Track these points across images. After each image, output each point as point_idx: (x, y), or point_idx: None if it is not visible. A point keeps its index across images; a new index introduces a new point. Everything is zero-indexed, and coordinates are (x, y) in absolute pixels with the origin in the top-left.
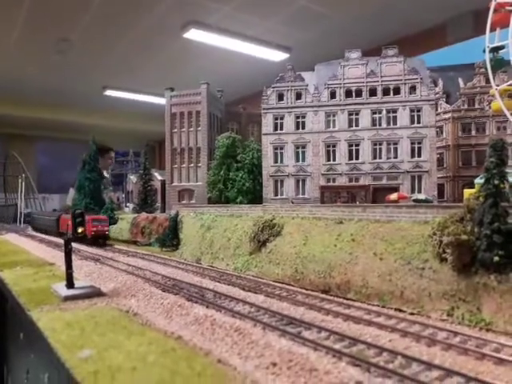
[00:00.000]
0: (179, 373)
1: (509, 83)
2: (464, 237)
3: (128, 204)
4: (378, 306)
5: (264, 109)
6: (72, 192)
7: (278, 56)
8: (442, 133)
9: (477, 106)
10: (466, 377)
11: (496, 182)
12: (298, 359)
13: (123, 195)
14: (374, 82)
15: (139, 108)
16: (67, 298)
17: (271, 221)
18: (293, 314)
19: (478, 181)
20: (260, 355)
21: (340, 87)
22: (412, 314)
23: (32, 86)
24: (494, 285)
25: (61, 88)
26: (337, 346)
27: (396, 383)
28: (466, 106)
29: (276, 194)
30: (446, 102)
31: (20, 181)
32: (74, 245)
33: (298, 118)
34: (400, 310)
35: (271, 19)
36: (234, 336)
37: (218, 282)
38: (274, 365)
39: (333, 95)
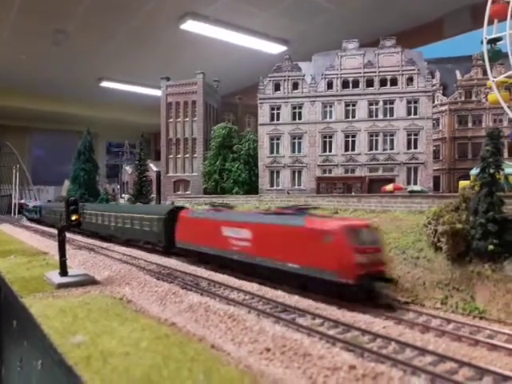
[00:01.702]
0: (172, 358)
1: (506, 75)
2: (459, 226)
3: (123, 195)
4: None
5: (260, 99)
6: (67, 184)
7: (275, 48)
8: (438, 125)
9: (474, 98)
10: (460, 362)
11: (492, 170)
12: (292, 344)
13: (118, 186)
14: (372, 72)
15: (135, 100)
16: (60, 286)
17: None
18: (287, 302)
19: (474, 172)
20: (254, 341)
21: (337, 77)
22: (406, 302)
23: (27, 76)
24: (488, 273)
25: (56, 79)
26: (331, 332)
27: (389, 368)
28: (462, 98)
29: (272, 185)
30: (443, 94)
31: (14, 171)
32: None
33: (294, 108)
34: (394, 299)
35: (269, 11)
36: (227, 322)
37: (213, 270)
38: (268, 350)
39: (330, 86)
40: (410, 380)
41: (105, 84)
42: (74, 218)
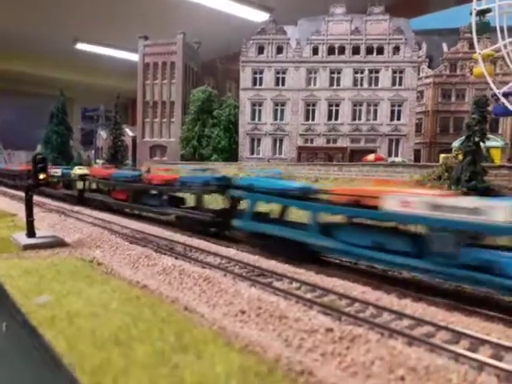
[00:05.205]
0: (142, 319)
1: (493, 48)
2: None
3: (98, 160)
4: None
5: (243, 62)
6: (39, 148)
7: (259, 16)
8: (422, 98)
9: (458, 71)
10: (437, 326)
11: (477, 139)
12: (268, 307)
13: (93, 152)
14: (358, 39)
15: (113, 64)
16: (27, 247)
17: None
18: (264, 266)
19: (456, 144)
20: (229, 303)
21: (323, 43)
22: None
23: None
24: None
25: (28, 38)
26: (308, 296)
27: (366, 330)
28: (447, 72)
29: (252, 153)
30: (429, 67)
31: None
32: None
33: (278, 73)
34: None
35: None
36: (202, 285)
37: (190, 236)
38: (243, 312)
39: (315, 51)
40: (386, 342)
41: (80, 46)
42: (41, 177)
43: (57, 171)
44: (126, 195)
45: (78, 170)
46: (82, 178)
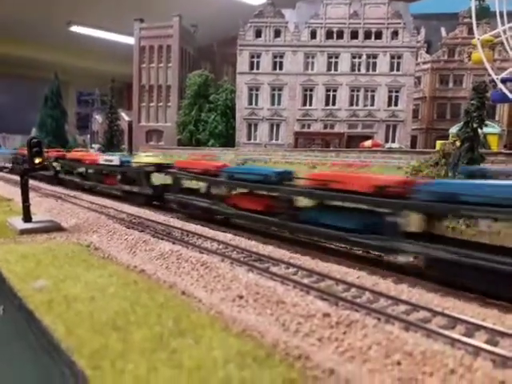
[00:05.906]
0: (140, 304)
1: (492, 33)
2: None
3: (93, 145)
4: (346, 248)
5: (240, 45)
6: (34, 132)
7: None
8: (419, 84)
9: (456, 57)
10: (433, 311)
11: (475, 125)
12: (265, 292)
13: (88, 136)
14: (357, 24)
15: (108, 48)
16: (23, 232)
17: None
18: (261, 252)
19: (453, 130)
20: (226, 288)
21: (321, 27)
22: (381, 256)
23: None
24: (463, 229)
25: (22, 20)
26: (305, 281)
27: (363, 316)
28: (446, 57)
29: (249, 139)
30: (427, 52)
31: None
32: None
33: (275, 57)
34: (368, 252)
35: None
36: (200, 270)
37: (186, 221)
38: (241, 297)
39: (313, 35)
40: (383, 327)
41: (75, 29)
42: (37, 161)
43: (111, 159)
44: (262, 205)
45: (145, 158)
46: (162, 170)
